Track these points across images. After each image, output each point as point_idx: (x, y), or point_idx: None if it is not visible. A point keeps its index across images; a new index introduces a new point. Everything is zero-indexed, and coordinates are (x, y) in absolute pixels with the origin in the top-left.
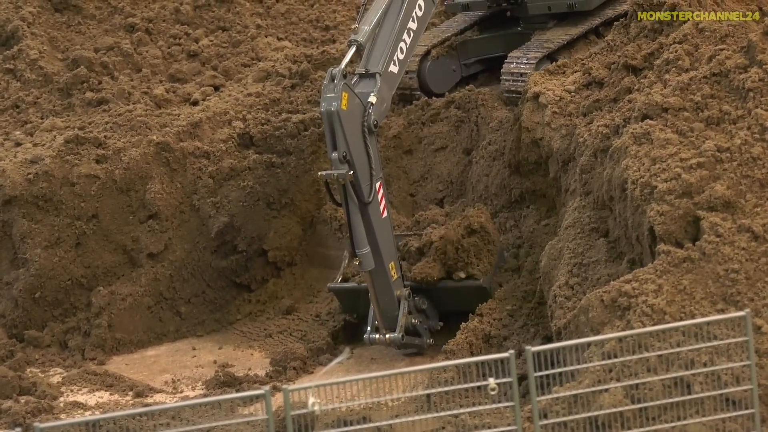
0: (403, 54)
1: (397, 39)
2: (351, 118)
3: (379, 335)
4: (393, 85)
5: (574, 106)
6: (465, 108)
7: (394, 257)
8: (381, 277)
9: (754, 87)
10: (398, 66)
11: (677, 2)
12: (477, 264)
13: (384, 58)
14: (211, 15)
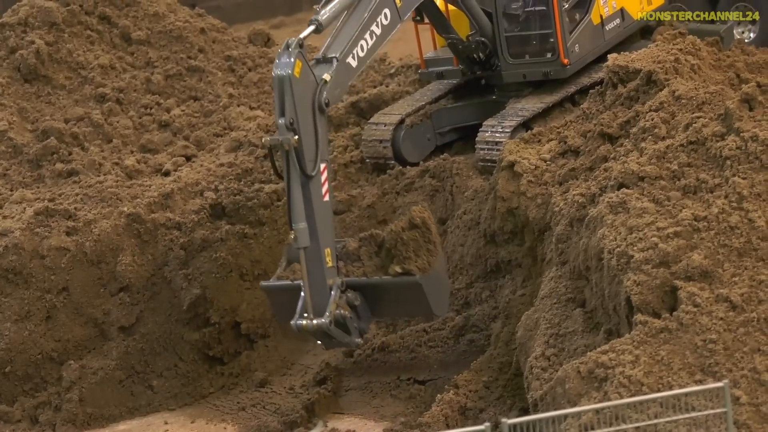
0: (363, 52)
1: (359, 36)
2: (302, 87)
3: (307, 321)
4: (348, 78)
5: (550, 174)
6: (440, 177)
7: (331, 245)
8: (314, 260)
9: (732, 155)
10: (356, 61)
11: (653, 69)
12: (415, 260)
13: (344, 47)
14: (182, 84)
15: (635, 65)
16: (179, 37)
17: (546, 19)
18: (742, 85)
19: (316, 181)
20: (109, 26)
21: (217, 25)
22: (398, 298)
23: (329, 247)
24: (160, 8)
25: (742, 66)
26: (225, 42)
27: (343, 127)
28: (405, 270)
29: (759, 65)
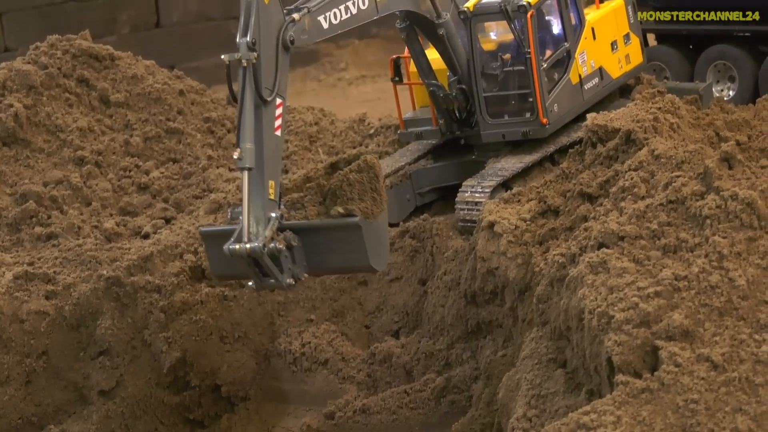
0: (335, 20)
1: (334, 4)
2: (269, 16)
3: (240, 245)
4: (316, 33)
5: (530, 234)
6: (420, 237)
7: (275, 179)
8: (257, 186)
9: (712, 214)
10: (327, 24)
11: (632, 129)
12: (358, 203)
13: (319, 4)
14: (161, 147)
15: (614, 124)
16: (158, 99)
17: (524, 78)
18: (722, 143)
19: (270, 109)
20: (87, 89)
21: (196, 87)
22: (336, 242)
23: (273, 179)
24: (139, 70)
25: (721, 124)
26: (204, 104)
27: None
28: (347, 211)
29: (738, 123)
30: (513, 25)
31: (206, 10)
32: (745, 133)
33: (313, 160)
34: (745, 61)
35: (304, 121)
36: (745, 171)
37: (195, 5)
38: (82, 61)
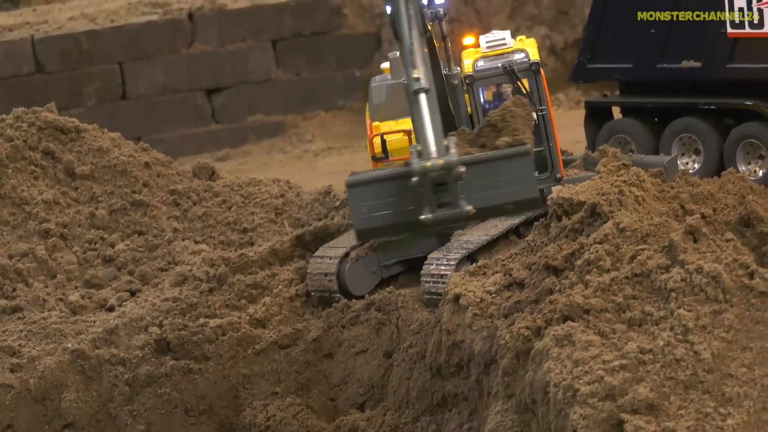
0: None
1: None
2: None
3: (432, 160)
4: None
5: (495, 307)
6: (385, 310)
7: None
8: (433, 107)
9: (677, 287)
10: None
11: (597, 202)
12: (524, 133)
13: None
14: (126, 219)
15: (579, 197)
16: (123, 171)
17: (536, 135)
18: (687, 216)
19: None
20: (53, 161)
21: (162, 159)
22: (505, 173)
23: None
24: (105, 143)
25: (686, 197)
26: (169, 176)
27: (287, 260)
28: (516, 141)
29: (704, 196)
30: (521, 84)
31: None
32: (711, 206)
33: (278, 233)
34: (710, 134)
35: (270, 193)
36: (710, 244)
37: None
38: (48, 133)
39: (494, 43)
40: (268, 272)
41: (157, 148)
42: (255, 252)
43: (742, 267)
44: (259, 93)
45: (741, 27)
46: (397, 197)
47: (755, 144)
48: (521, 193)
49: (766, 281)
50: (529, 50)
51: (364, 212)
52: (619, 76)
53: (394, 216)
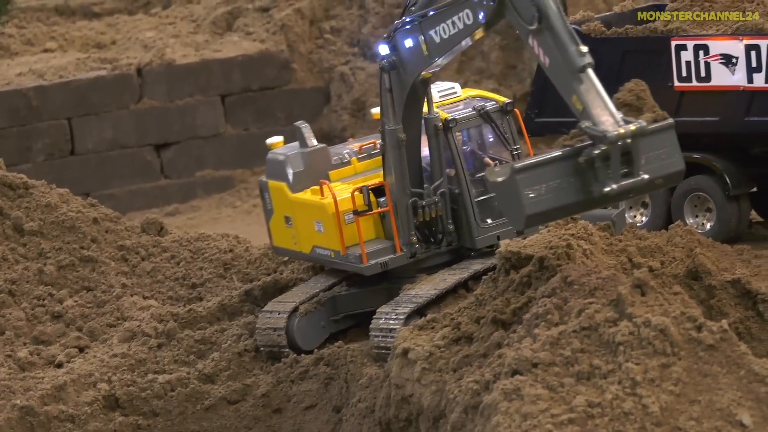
0: (445, 34)
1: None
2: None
3: (623, 127)
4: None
5: (444, 361)
6: (334, 365)
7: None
8: (599, 83)
9: (624, 341)
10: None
11: (545, 255)
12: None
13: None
14: (75, 275)
15: (527, 251)
16: (72, 227)
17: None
18: (635, 269)
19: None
20: (1, 218)
21: (110, 215)
22: (658, 147)
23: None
24: (53, 199)
25: (634, 250)
26: (118, 231)
27: (236, 315)
28: (659, 115)
29: (651, 249)
30: (495, 125)
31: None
32: (658, 259)
33: (227, 288)
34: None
35: (219, 248)
36: (658, 297)
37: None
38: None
39: (446, 93)
40: (217, 327)
41: (106, 204)
42: (204, 307)
43: (689, 320)
44: (208, 148)
45: (688, 80)
46: (565, 178)
47: (703, 197)
48: (672, 165)
49: (714, 334)
50: (488, 96)
51: (532, 197)
52: (567, 130)
53: (565, 196)
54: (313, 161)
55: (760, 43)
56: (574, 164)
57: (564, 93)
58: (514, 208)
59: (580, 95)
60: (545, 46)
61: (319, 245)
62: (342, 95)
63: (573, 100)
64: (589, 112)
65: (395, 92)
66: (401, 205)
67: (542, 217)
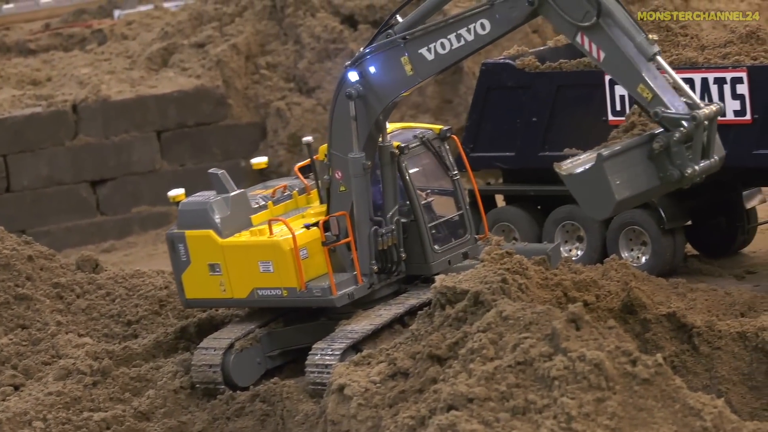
0: (444, 50)
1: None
2: None
3: (707, 107)
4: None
5: (380, 397)
6: (270, 401)
7: None
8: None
9: (560, 375)
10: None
11: (480, 290)
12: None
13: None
14: (10, 313)
15: (462, 286)
16: (6, 265)
17: (457, 200)
18: (570, 303)
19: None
20: None
21: (45, 252)
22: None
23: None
24: None
25: (569, 284)
26: (53, 269)
27: (172, 352)
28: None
29: (586, 283)
30: (437, 151)
31: (56, 175)
32: (594, 293)
33: (163, 325)
34: (592, 221)
35: (154, 285)
36: (592, 332)
37: (45, 170)
38: None
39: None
40: (152, 365)
41: (42, 241)
42: (139, 344)
43: (624, 354)
44: (144, 184)
45: (622, 114)
46: (642, 164)
47: (638, 230)
48: (721, 149)
49: (649, 368)
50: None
51: (618, 184)
52: (501, 165)
53: (645, 182)
54: (237, 206)
55: (694, 77)
56: (648, 150)
57: (628, 84)
58: (601, 196)
59: (649, 83)
60: (601, 41)
61: (264, 286)
62: (278, 130)
63: (640, 90)
64: (661, 98)
65: (360, 120)
66: (363, 234)
67: (627, 203)
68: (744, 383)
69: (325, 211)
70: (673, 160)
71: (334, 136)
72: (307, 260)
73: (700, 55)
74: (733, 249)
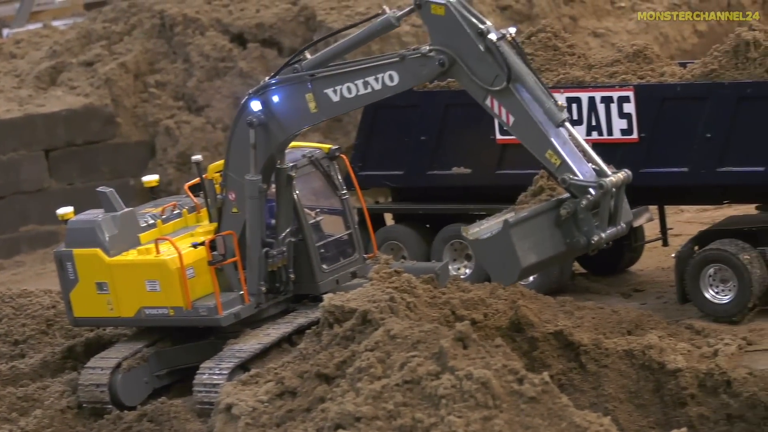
0: (350, 94)
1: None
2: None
3: (614, 175)
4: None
5: (268, 416)
6: (158, 421)
7: None
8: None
9: (447, 394)
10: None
11: (369, 309)
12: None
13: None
14: None
15: (350, 305)
16: None
17: (346, 220)
18: (458, 322)
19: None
20: None
21: None
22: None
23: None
24: None
25: (457, 303)
26: None
27: (59, 372)
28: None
29: (474, 302)
30: (326, 170)
31: None
32: (481, 311)
33: (50, 344)
34: None
35: (41, 304)
36: (480, 350)
37: None
38: None
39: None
40: (39, 384)
41: None
42: (26, 364)
43: (511, 372)
44: (32, 203)
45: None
46: (549, 230)
47: None
48: (628, 214)
49: (536, 386)
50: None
51: (525, 249)
52: (390, 183)
53: (552, 247)
54: (125, 224)
55: (581, 96)
56: (555, 216)
57: (536, 149)
58: (508, 262)
59: (557, 149)
60: (511, 105)
61: (151, 305)
62: (167, 149)
63: (548, 155)
64: (569, 164)
65: (260, 147)
66: (254, 256)
67: (533, 269)
68: (631, 401)
69: (214, 230)
70: (580, 227)
71: (232, 159)
72: (194, 279)
73: (588, 74)
74: (621, 267)
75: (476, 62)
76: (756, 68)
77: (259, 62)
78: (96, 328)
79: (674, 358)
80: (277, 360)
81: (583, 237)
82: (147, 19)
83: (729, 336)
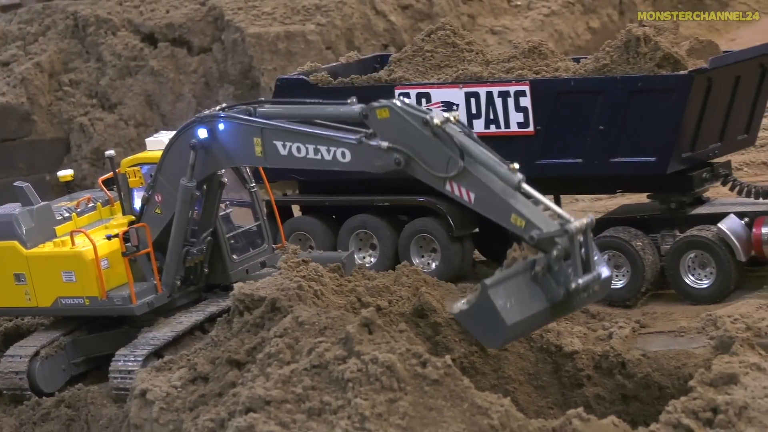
0: (299, 153)
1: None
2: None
3: (577, 221)
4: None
5: (181, 401)
6: (75, 407)
7: None
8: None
9: (353, 377)
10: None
11: (277, 297)
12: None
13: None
14: None
15: (260, 293)
16: None
17: (254, 212)
18: (363, 309)
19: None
20: None
21: None
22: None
23: None
24: None
25: (363, 290)
26: None
27: None
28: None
29: (379, 289)
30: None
31: None
32: (386, 298)
33: None
34: (385, 229)
35: None
36: (384, 335)
37: None
38: None
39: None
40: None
41: None
42: None
43: (415, 356)
44: None
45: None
46: (528, 288)
47: (428, 238)
48: (602, 263)
49: (438, 369)
50: None
51: (508, 308)
52: (297, 176)
53: (534, 305)
54: (41, 218)
55: (479, 91)
56: (532, 275)
57: (501, 218)
58: (492, 323)
59: (520, 211)
60: (470, 184)
61: (67, 295)
62: (82, 145)
63: (513, 220)
64: (533, 222)
65: (199, 165)
66: (175, 252)
67: (520, 327)
68: (530, 382)
69: (127, 222)
70: (557, 279)
71: (166, 166)
72: (109, 270)
73: (485, 70)
74: None
75: (428, 151)
76: (646, 63)
77: (169, 61)
78: (14, 317)
79: (571, 341)
80: (190, 347)
81: (561, 288)
82: (61, 20)
83: (623, 319)
